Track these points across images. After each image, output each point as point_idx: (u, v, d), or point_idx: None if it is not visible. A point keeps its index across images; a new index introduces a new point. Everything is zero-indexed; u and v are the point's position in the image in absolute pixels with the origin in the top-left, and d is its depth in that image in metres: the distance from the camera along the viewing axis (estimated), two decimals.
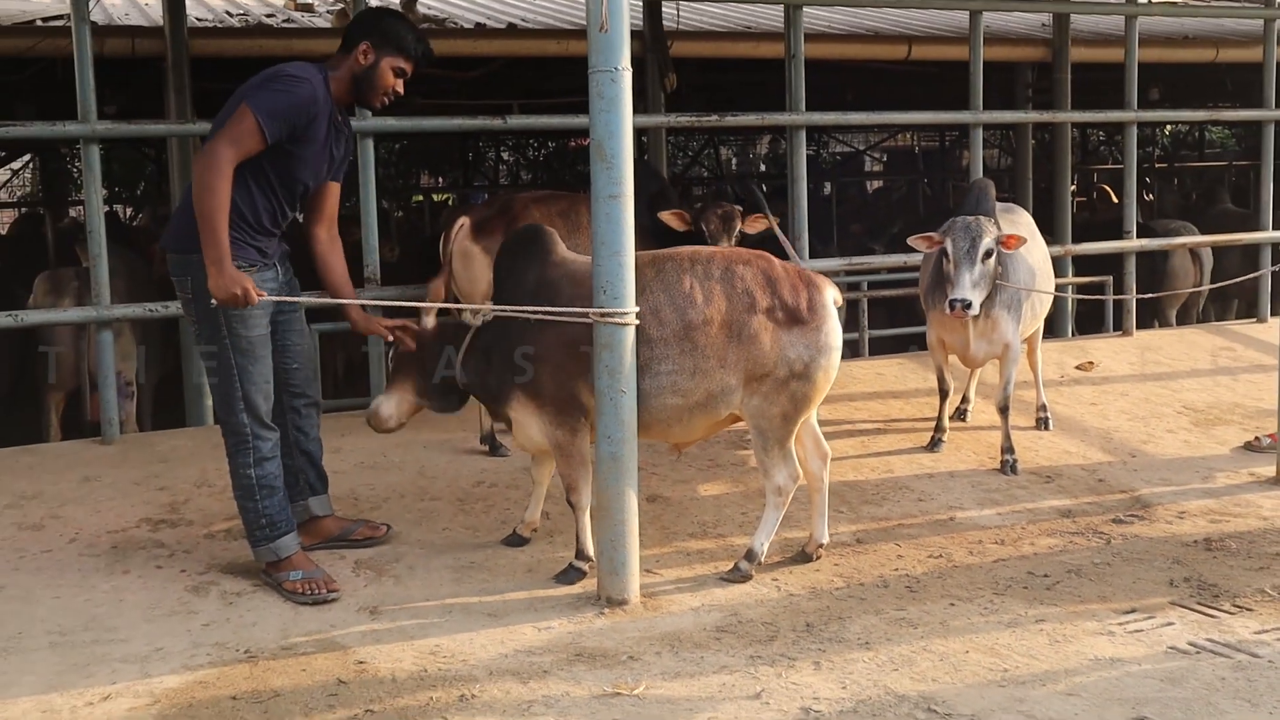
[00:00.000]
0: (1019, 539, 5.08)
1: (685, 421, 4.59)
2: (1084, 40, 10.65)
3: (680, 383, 4.49)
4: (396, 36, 4.51)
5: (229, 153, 4.21)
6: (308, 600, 4.37)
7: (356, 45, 4.49)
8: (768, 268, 4.62)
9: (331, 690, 3.75)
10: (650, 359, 4.45)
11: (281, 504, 4.51)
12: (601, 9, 4.15)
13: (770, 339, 4.50)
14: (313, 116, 4.35)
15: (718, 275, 4.55)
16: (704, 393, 4.52)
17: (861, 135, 23.20)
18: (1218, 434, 6.52)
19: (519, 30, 9.82)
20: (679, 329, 4.48)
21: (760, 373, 4.50)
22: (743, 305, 4.51)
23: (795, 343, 4.52)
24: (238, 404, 4.41)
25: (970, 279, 5.33)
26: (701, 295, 4.51)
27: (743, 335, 4.50)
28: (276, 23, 9.63)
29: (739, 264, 4.60)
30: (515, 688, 3.75)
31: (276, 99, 4.28)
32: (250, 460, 4.45)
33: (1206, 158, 22.11)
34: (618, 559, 4.37)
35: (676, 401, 4.52)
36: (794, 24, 7.19)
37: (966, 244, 5.36)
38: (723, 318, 4.50)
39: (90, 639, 4.11)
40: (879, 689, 3.73)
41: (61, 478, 5.50)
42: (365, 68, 4.49)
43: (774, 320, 4.52)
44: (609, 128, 4.22)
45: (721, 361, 4.50)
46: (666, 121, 7.75)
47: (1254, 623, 4.21)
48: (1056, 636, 4.11)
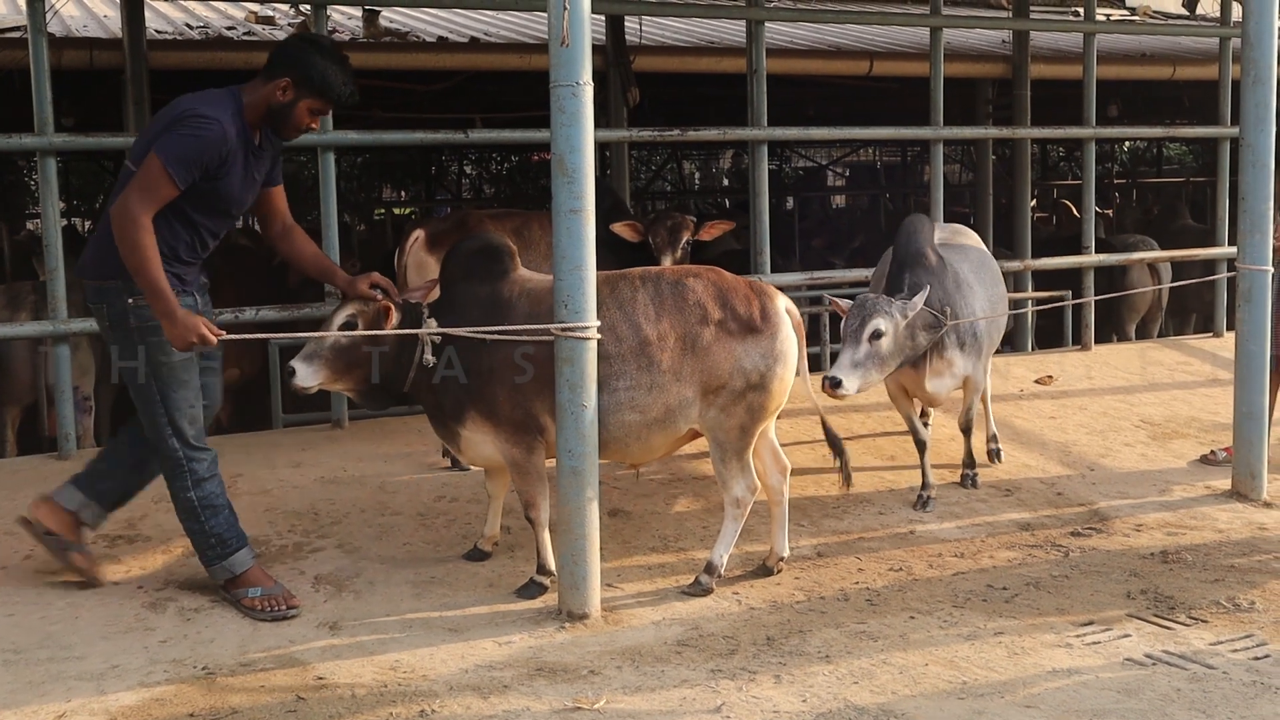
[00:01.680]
0: (978, 552, 5.12)
1: (644, 439, 4.60)
2: (1044, 57, 10.76)
3: (638, 398, 4.50)
4: (321, 80, 4.32)
5: (144, 206, 4.13)
6: (267, 617, 4.34)
7: (277, 78, 4.32)
8: (718, 279, 4.66)
9: (290, 707, 3.73)
10: (607, 375, 4.46)
11: (228, 520, 4.45)
12: (563, 24, 4.17)
13: (724, 350, 4.53)
14: (224, 155, 4.24)
15: (669, 290, 4.58)
16: (662, 408, 4.54)
17: (824, 150, 23.33)
18: (1174, 447, 6.58)
19: (481, 44, 9.83)
20: (635, 345, 4.50)
21: (716, 384, 4.53)
22: (695, 318, 4.54)
23: (750, 352, 4.55)
24: (165, 430, 4.36)
25: (850, 359, 5.08)
26: (655, 311, 4.54)
27: (697, 348, 4.52)
28: (237, 35, 9.60)
29: (689, 277, 4.64)
30: (475, 703, 3.75)
31: (185, 144, 4.16)
32: (188, 483, 4.40)
33: (1165, 174, 22.34)
34: (578, 573, 4.37)
35: (635, 418, 4.53)
36: (756, 39, 7.24)
37: (855, 323, 5.12)
38: (677, 332, 4.52)
39: (45, 656, 4.08)
40: (839, 702, 3.75)
41: (17, 493, 5.44)
42: (282, 104, 4.33)
43: (727, 331, 4.55)
44: (570, 142, 4.23)
45: (677, 375, 4.52)
46: (629, 136, 7.78)
47: (1209, 634, 4.26)
48: (1015, 649, 4.14)
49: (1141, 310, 10.75)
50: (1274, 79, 5.59)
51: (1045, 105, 11.16)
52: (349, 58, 4.50)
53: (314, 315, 6.37)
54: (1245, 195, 5.69)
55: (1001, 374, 7.32)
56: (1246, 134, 5.65)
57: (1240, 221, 5.75)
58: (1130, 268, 10.05)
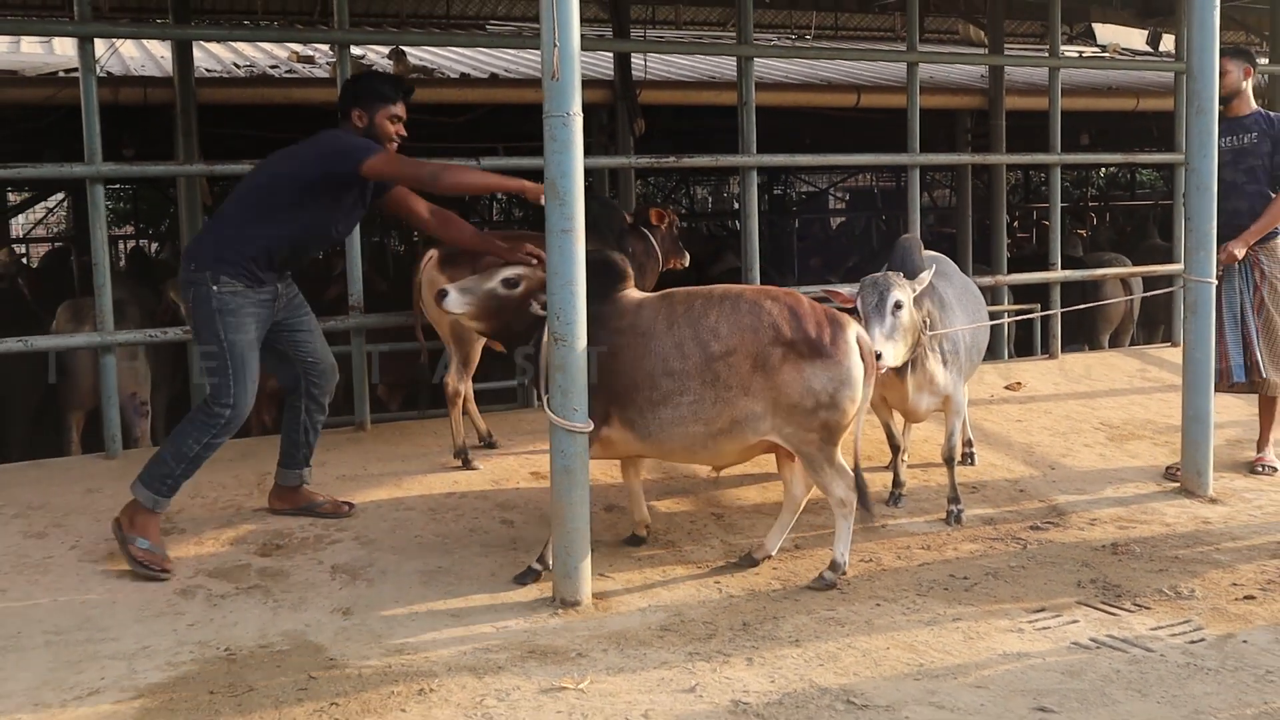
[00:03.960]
0: (943, 544, 5.08)
1: (711, 447, 4.58)
2: (1018, 90, 10.71)
3: (702, 411, 4.48)
4: (377, 93, 4.88)
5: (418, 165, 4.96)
6: (142, 571, 4.52)
7: (351, 114, 4.86)
8: (794, 304, 4.57)
9: (302, 685, 3.73)
10: (671, 391, 4.48)
11: (187, 476, 4.71)
12: (553, 60, 4.17)
13: (793, 370, 4.46)
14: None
15: (746, 309, 4.52)
16: (728, 420, 4.49)
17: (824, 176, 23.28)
18: (1130, 448, 6.53)
19: (500, 80, 9.85)
20: (700, 362, 4.47)
21: (787, 402, 4.46)
22: (767, 338, 4.47)
23: (819, 375, 4.45)
24: (227, 397, 4.66)
25: (881, 332, 4.90)
26: (727, 328, 4.49)
27: (767, 366, 4.46)
28: (279, 73, 9.63)
29: (767, 299, 4.57)
30: (471, 682, 3.74)
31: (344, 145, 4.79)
32: (205, 439, 4.67)
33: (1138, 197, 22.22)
34: (571, 564, 4.35)
35: (699, 429, 4.50)
36: (746, 74, 7.22)
37: (875, 299, 4.97)
38: (746, 350, 4.47)
39: (84, 638, 4.09)
40: (804, 682, 3.73)
41: (67, 490, 5.48)
42: (365, 129, 4.84)
43: (797, 353, 4.46)
44: (561, 168, 4.22)
45: (746, 391, 4.47)
46: (628, 162, 7.78)
47: (1151, 620, 4.22)
48: (971, 634, 4.11)
49: (1114, 322, 10.67)
50: (1215, 109, 5.54)
51: (1022, 134, 11.11)
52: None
53: (339, 327, 6.38)
54: (1191, 215, 5.64)
55: (975, 379, 7.24)
56: (1191, 160, 5.60)
57: (1186, 239, 5.70)
58: (1103, 282, 9.97)
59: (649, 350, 4.52)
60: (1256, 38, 13.79)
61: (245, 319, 4.73)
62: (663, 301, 4.65)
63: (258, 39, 10.74)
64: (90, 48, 5.89)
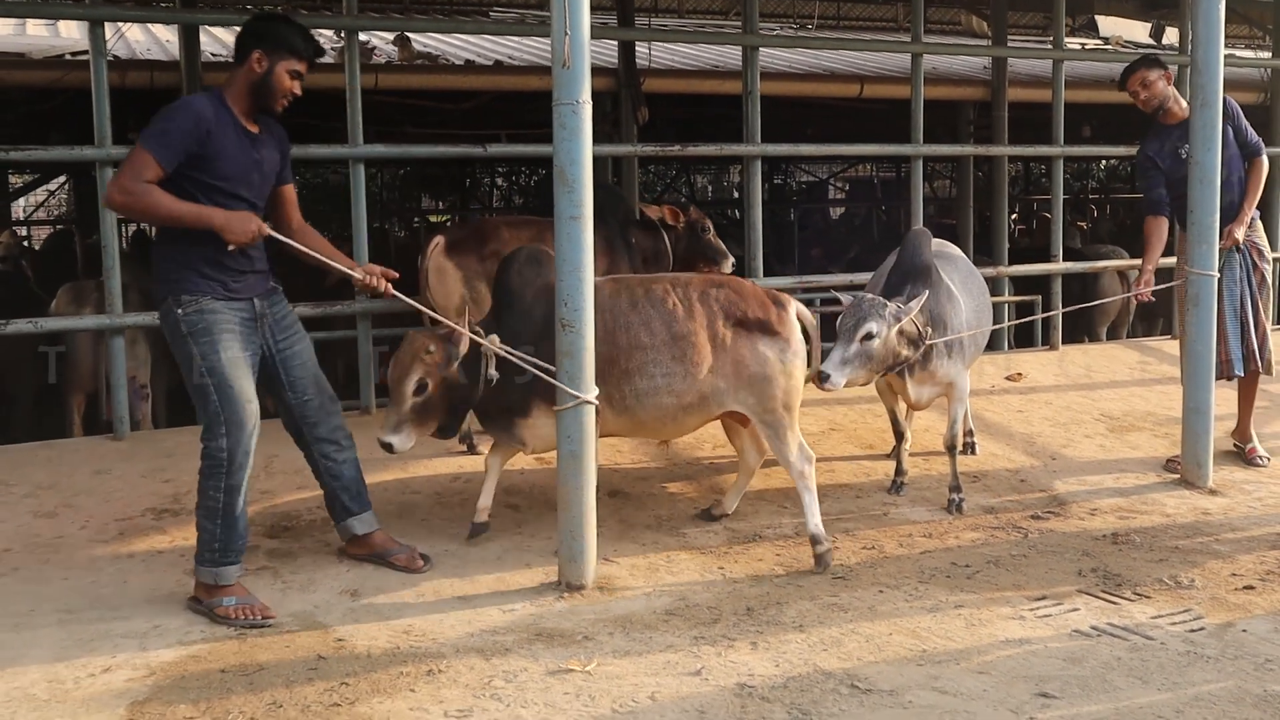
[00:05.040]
0: (945, 533, 5.12)
1: (680, 419, 4.81)
2: (1020, 82, 10.74)
3: (674, 385, 4.69)
4: (287, 40, 4.27)
5: (131, 179, 4.06)
6: (243, 624, 4.10)
7: (249, 55, 4.24)
8: (739, 288, 4.89)
9: (312, 665, 3.77)
10: (644, 363, 4.68)
11: (240, 534, 4.23)
12: (564, 48, 4.19)
13: (748, 346, 4.74)
14: (205, 133, 4.12)
15: (696, 297, 4.79)
16: (695, 394, 4.74)
17: (825, 166, 23.29)
18: (1131, 439, 6.57)
19: (505, 67, 9.87)
20: (667, 339, 4.68)
21: (748, 374, 4.74)
22: (721, 320, 4.76)
23: (771, 348, 4.75)
24: (219, 429, 4.16)
25: (840, 356, 4.95)
26: (685, 311, 4.75)
27: (724, 344, 4.74)
28: None
29: (713, 287, 4.87)
30: (479, 663, 3.78)
31: (159, 126, 4.10)
32: (222, 485, 4.18)
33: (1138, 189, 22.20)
34: (576, 548, 4.39)
35: (671, 401, 4.71)
36: (750, 63, 7.25)
37: (851, 322, 5.01)
38: (705, 330, 4.72)
39: (95, 616, 4.13)
40: (809, 667, 3.77)
41: (76, 470, 5.52)
42: (261, 75, 4.23)
43: (749, 330, 4.76)
44: (570, 155, 4.25)
45: (709, 368, 4.73)
46: (634, 151, 7.81)
47: (1151, 609, 4.26)
48: (973, 620, 4.15)
49: (1111, 315, 10.70)
50: (1219, 103, 5.57)
51: (1024, 126, 11.13)
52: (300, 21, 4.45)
53: (345, 311, 6.42)
54: (1193, 209, 5.67)
55: (976, 371, 7.27)
56: (1195, 153, 5.63)
57: (1189, 232, 5.73)
58: (1101, 275, 10.01)
59: (617, 325, 4.71)
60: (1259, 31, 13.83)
61: (221, 335, 4.19)
62: (618, 284, 4.86)
63: None
64: (101, 31, 5.91)
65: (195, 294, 4.17)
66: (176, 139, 4.09)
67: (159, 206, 4.09)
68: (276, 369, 4.44)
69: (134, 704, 3.50)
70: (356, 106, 6.23)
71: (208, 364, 4.16)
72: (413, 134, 10.28)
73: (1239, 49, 14.61)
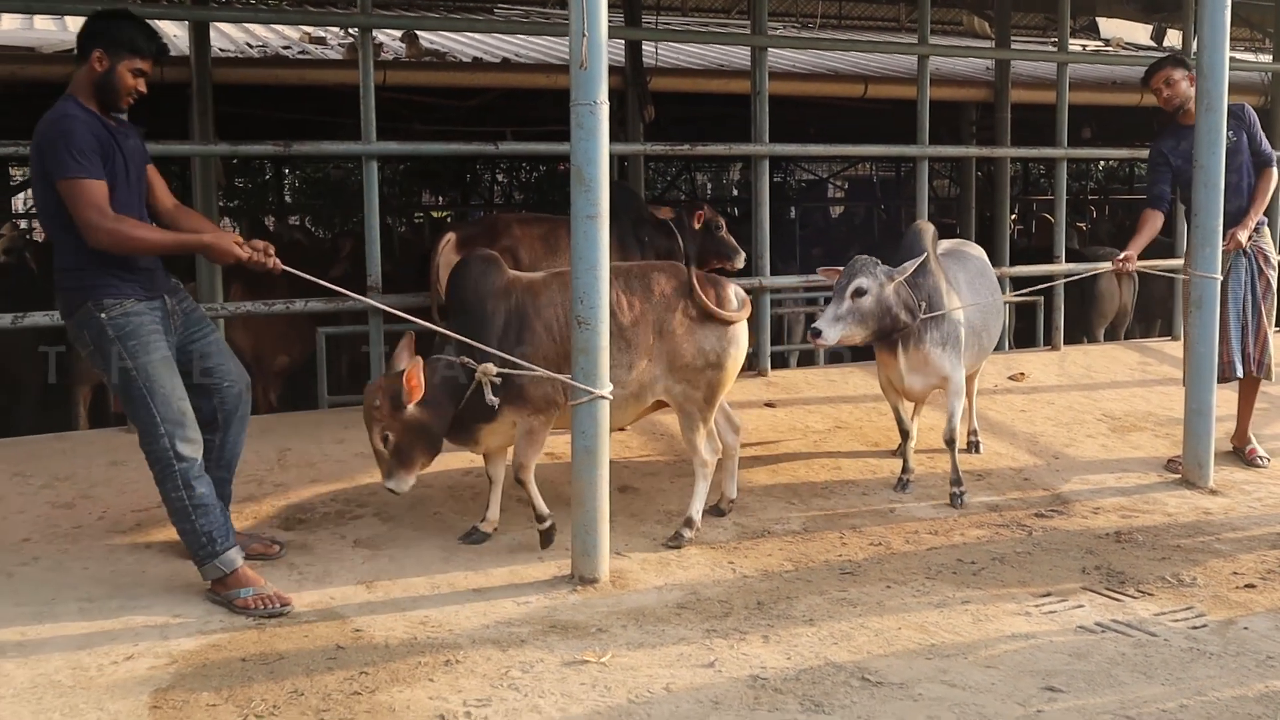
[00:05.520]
0: (951, 530, 5.20)
1: (623, 409, 4.83)
2: (1023, 83, 10.80)
3: (618, 375, 4.68)
4: (128, 39, 4.18)
5: (100, 214, 4.06)
6: (261, 614, 4.15)
7: (90, 55, 4.16)
8: (679, 273, 4.95)
9: (331, 654, 3.84)
10: None
11: (219, 520, 4.25)
12: (582, 49, 4.26)
13: (686, 334, 4.82)
14: (99, 137, 4.12)
15: (638, 283, 4.86)
16: (636, 384, 4.81)
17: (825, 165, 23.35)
18: (1133, 439, 6.65)
19: (512, 64, 9.92)
20: (614, 330, 4.65)
21: (681, 363, 4.82)
22: (663, 306, 4.82)
23: (709, 336, 4.85)
24: (156, 430, 4.17)
25: (834, 312, 5.17)
26: (628, 300, 4.80)
27: (664, 331, 4.81)
28: (292, 54, 9.69)
29: (655, 271, 4.94)
30: (495, 654, 3.85)
31: (63, 146, 4.05)
32: (179, 483, 4.19)
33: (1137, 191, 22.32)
34: (589, 542, 4.46)
35: (616, 392, 4.66)
36: (759, 64, 7.32)
37: (844, 280, 5.22)
38: (648, 319, 4.80)
39: (116, 605, 4.20)
40: (820, 660, 3.84)
41: (92, 462, 5.57)
42: (102, 74, 4.16)
43: (689, 317, 4.84)
44: (588, 155, 4.32)
45: (649, 355, 4.78)
46: (643, 150, 7.85)
47: (1154, 606, 4.34)
48: (979, 616, 4.22)
49: (1109, 315, 10.76)
50: (1224, 108, 5.65)
51: (1026, 127, 11.20)
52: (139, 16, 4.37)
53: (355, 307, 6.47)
54: (1197, 212, 5.75)
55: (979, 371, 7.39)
56: (1199, 157, 5.70)
57: (1193, 235, 5.81)
58: (1100, 276, 10.07)
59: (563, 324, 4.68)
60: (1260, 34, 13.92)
61: (150, 337, 4.20)
62: (557, 279, 4.85)
63: (277, 21, 10.77)
64: None
65: (118, 297, 4.18)
66: (92, 152, 4.08)
67: (146, 240, 4.16)
68: (192, 363, 4.43)
69: (157, 691, 3.57)
70: (370, 104, 6.28)
71: (138, 366, 4.17)
72: (419, 130, 10.35)
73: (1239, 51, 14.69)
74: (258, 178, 22.38)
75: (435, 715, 3.43)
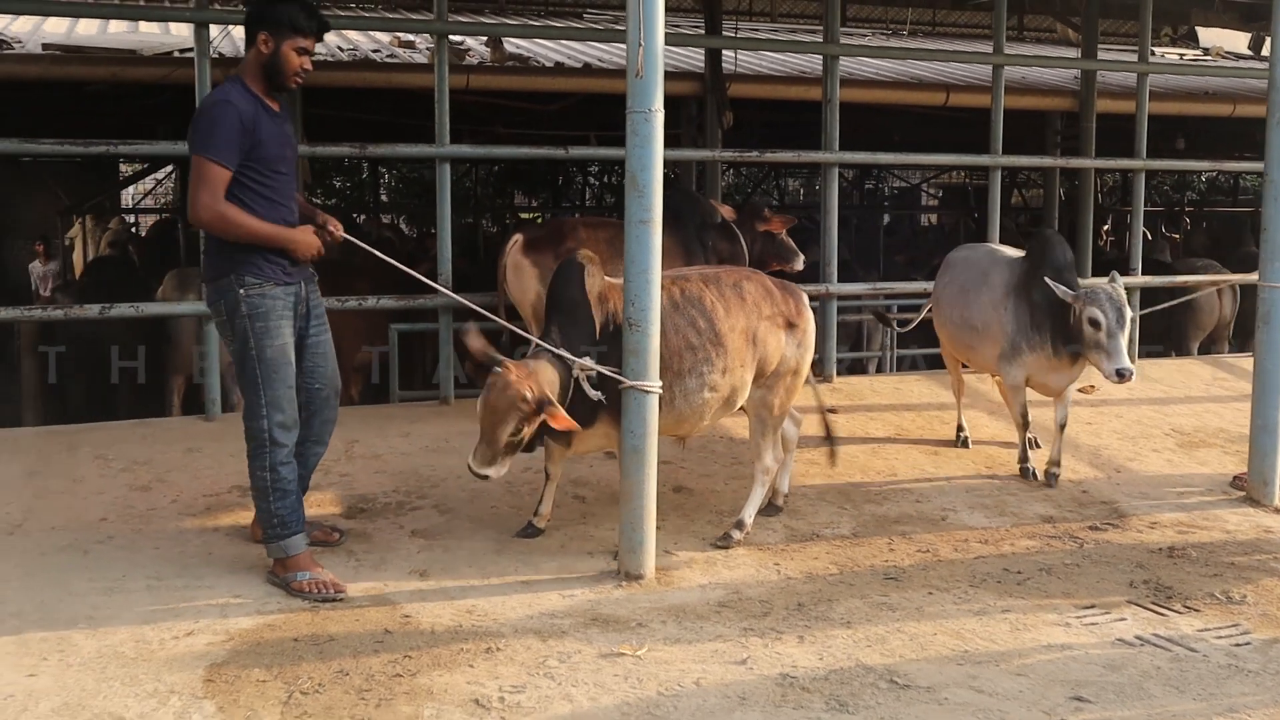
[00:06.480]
0: (1001, 539, 5.20)
1: (717, 415, 4.95)
2: (1111, 93, 10.68)
3: (711, 378, 4.80)
4: (290, 19, 4.32)
5: (212, 197, 4.23)
6: (316, 598, 4.30)
7: (256, 37, 4.34)
8: (763, 281, 5.04)
9: (378, 638, 3.99)
10: (694, 363, 4.77)
11: (293, 506, 4.44)
12: (638, 58, 4.37)
13: (774, 340, 4.91)
14: (251, 123, 4.28)
15: (730, 291, 4.90)
16: (729, 387, 4.87)
17: (918, 172, 23.20)
18: (1200, 455, 6.56)
19: (593, 70, 10.09)
20: (712, 336, 4.78)
21: (769, 369, 4.92)
22: (754, 314, 4.90)
23: (790, 342, 4.97)
24: (260, 410, 4.37)
25: (1124, 347, 5.56)
26: (724, 308, 4.84)
27: (755, 338, 4.87)
28: (380, 58, 9.96)
29: (744, 280, 4.99)
30: (535, 644, 3.97)
31: (208, 131, 4.23)
32: (267, 464, 4.39)
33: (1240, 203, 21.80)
34: (636, 539, 4.56)
35: (714, 397, 4.83)
36: (830, 72, 7.37)
37: (1115, 314, 5.52)
38: (741, 325, 4.85)
39: (181, 584, 4.40)
40: (851, 661, 3.89)
41: (170, 448, 5.83)
42: (269, 56, 4.33)
43: (775, 325, 4.93)
44: (642, 161, 4.42)
45: (743, 362, 4.85)
46: (713, 156, 7.97)
47: (1199, 622, 4.31)
48: (1018, 625, 4.24)
49: (1207, 328, 10.50)
50: None
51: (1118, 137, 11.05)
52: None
53: (427, 305, 6.66)
54: (1267, 224, 5.68)
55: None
56: (1270, 171, 5.64)
57: (1263, 249, 5.74)
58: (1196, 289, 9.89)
59: (665, 327, 4.64)
60: None
61: (278, 321, 4.39)
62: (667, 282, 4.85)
63: (353, 27, 11.03)
64: (205, 33, 6.23)
65: (260, 278, 4.36)
66: (231, 139, 4.24)
67: (242, 227, 4.32)
68: (300, 353, 4.56)
69: (212, 666, 3.75)
70: (444, 108, 6.47)
71: (260, 347, 4.35)
72: (502, 134, 10.56)
73: None
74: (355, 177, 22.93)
75: (470, 699, 3.56)
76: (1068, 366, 5.86)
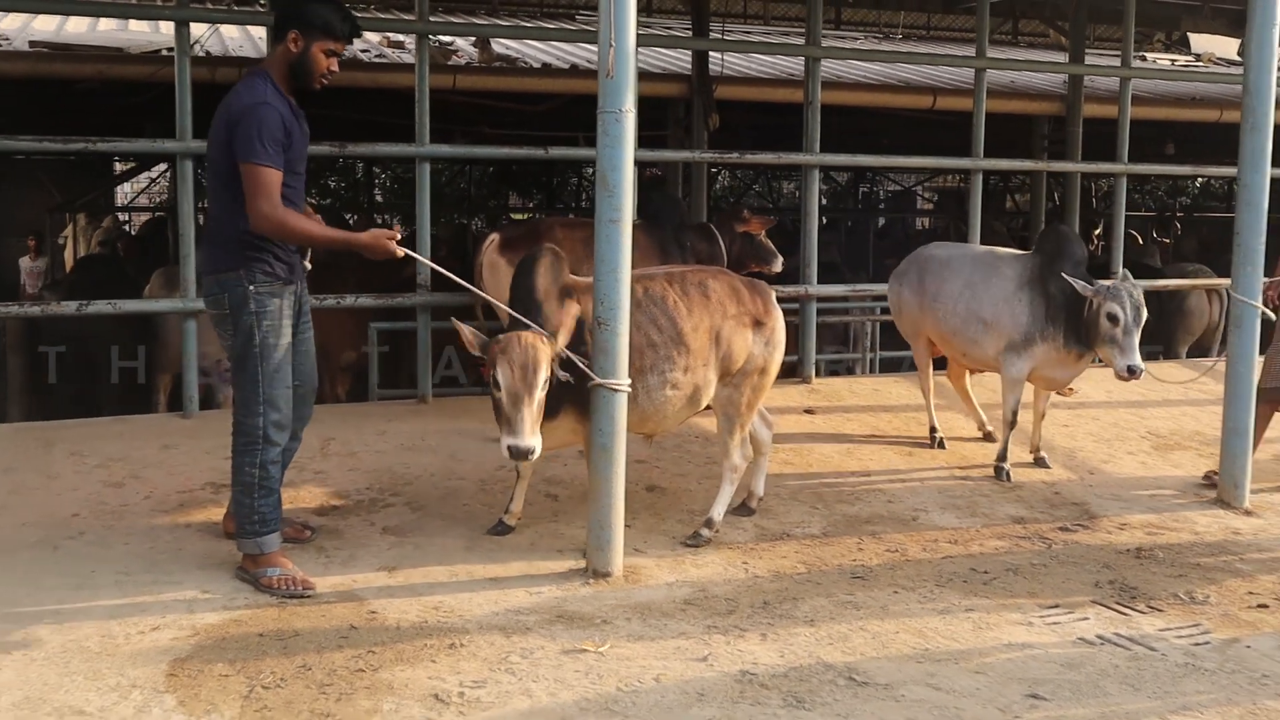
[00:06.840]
0: (970, 540, 5.23)
1: (681, 414, 4.95)
2: (1098, 98, 10.71)
3: (673, 376, 4.81)
4: (322, 20, 4.31)
5: (272, 203, 4.22)
6: (284, 594, 4.30)
7: (286, 35, 4.32)
8: (730, 280, 5.05)
9: (343, 633, 4.01)
10: (655, 360, 4.77)
11: (275, 504, 4.46)
12: (609, 59, 4.40)
13: (740, 339, 4.91)
14: (291, 124, 4.31)
15: (695, 290, 4.90)
16: (691, 385, 4.87)
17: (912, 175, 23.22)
18: (1174, 458, 6.59)
19: (579, 71, 10.12)
20: (673, 335, 4.79)
21: (734, 368, 4.91)
22: (719, 313, 4.89)
23: (757, 341, 4.97)
24: (257, 407, 4.36)
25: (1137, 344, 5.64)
26: (686, 306, 4.86)
27: (719, 337, 4.87)
28: (369, 57, 10.00)
29: (710, 278, 5.00)
30: (499, 640, 3.99)
31: (264, 137, 4.20)
32: (257, 461, 4.38)
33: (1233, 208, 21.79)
34: (604, 536, 4.58)
35: (676, 395, 4.84)
36: (812, 74, 7.39)
37: (1133, 311, 5.61)
38: (705, 324, 4.85)
39: (150, 580, 4.42)
40: (812, 659, 3.92)
41: (145, 445, 5.85)
42: (298, 55, 4.32)
43: (741, 323, 4.93)
44: (612, 161, 4.45)
45: (705, 360, 4.85)
46: (693, 157, 8.00)
47: (1160, 622, 4.34)
48: (981, 624, 4.26)
49: (1196, 333, 10.51)
50: (1270, 126, 5.60)
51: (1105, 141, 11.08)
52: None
53: (405, 304, 6.68)
54: (1240, 231, 5.71)
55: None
56: (1243, 175, 5.68)
57: (1234, 255, 5.77)
58: (1188, 293, 9.93)
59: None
60: None
61: (282, 320, 4.40)
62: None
63: None
64: (186, 31, 6.25)
65: (271, 277, 4.36)
66: (278, 141, 4.24)
67: (307, 233, 4.34)
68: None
69: (176, 660, 3.77)
70: (424, 108, 6.50)
71: (263, 345, 4.35)
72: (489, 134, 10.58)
73: None
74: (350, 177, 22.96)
75: (430, 694, 3.59)
76: (1074, 361, 5.99)
